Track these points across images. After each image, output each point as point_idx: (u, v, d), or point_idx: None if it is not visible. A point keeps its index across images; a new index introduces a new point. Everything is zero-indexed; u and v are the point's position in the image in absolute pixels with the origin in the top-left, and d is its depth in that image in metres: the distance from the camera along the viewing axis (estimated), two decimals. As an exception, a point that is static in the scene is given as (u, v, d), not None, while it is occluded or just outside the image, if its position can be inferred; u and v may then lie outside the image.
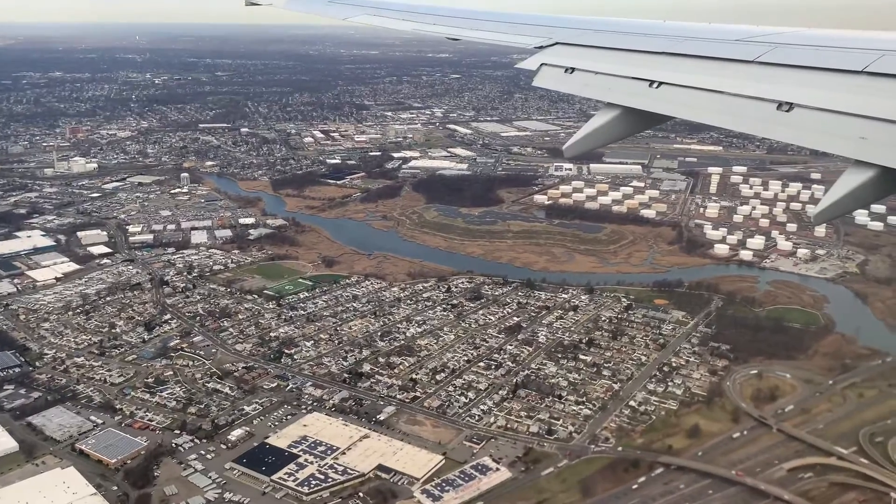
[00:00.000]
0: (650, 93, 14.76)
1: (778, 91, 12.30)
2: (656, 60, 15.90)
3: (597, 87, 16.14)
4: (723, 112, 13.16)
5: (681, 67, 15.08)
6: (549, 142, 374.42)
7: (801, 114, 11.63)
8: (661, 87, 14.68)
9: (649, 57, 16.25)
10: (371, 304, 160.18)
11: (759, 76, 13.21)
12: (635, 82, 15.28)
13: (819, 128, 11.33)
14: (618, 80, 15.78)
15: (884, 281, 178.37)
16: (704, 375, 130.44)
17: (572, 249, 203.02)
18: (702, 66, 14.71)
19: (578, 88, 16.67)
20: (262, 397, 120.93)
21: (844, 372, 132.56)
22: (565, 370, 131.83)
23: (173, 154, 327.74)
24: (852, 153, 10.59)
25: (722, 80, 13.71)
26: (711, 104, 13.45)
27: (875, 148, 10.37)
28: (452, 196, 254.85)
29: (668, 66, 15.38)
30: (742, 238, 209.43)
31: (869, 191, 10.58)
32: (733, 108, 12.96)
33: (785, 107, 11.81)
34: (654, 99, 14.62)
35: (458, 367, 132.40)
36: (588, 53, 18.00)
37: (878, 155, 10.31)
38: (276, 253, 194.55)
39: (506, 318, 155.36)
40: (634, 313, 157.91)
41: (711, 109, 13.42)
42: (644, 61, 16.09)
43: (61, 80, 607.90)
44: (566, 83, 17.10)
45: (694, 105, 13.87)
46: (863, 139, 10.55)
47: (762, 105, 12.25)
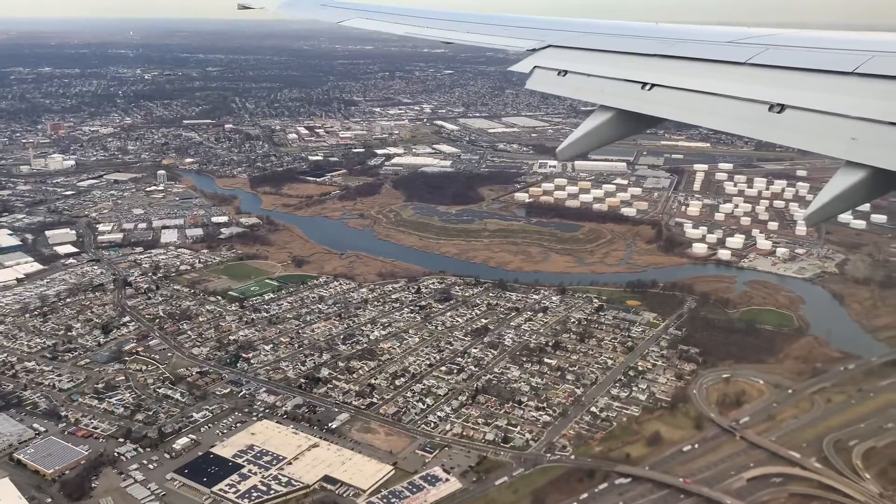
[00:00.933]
0: (643, 95, 14.81)
1: (769, 93, 12.35)
2: (649, 63, 15.92)
3: (590, 90, 16.26)
4: (715, 114, 13.23)
5: (673, 69, 15.11)
6: (535, 138, 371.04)
7: (793, 115, 11.69)
8: (653, 90, 14.72)
9: (642, 59, 16.30)
10: (337, 306, 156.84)
11: (750, 78, 13.31)
12: (628, 84, 15.33)
13: (810, 129, 11.37)
14: (610, 83, 15.86)
15: (862, 281, 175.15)
16: (670, 380, 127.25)
17: (549, 249, 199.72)
18: (694, 68, 14.80)
19: (571, 91, 16.83)
20: (213, 404, 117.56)
21: (814, 376, 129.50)
22: (528, 374, 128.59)
23: (153, 151, 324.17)
24: (843, 154, 10.64)
25: (714, 81, 13.81)
26: (703, 106, 13.51)
27: (866, 149, 10.42)
28: (433, 194, 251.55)
29: (660, 68, 15.43)
30: (722, 237, 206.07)
31: (860, 191, 10.64)
32: (725, 109, 13.01)
33: (776, 108, 11.85)
34: (646, 101, 14.67)
35: (420, 371, 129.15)
36: (581, 56, 18.16)
37: (869, 156, 10.37)
38: (245, 252, 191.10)
39: (474, 320, 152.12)
40: (605, 315, 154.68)
41: (703, 111, 13.47)
42: (636, 64, 16.15)
43: (50, 76, 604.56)
44: (559, 86, 17.24)
45: (686, 107, 13.90)
46: (854, 140, 10.61)
47: (754, 107, 12.33)
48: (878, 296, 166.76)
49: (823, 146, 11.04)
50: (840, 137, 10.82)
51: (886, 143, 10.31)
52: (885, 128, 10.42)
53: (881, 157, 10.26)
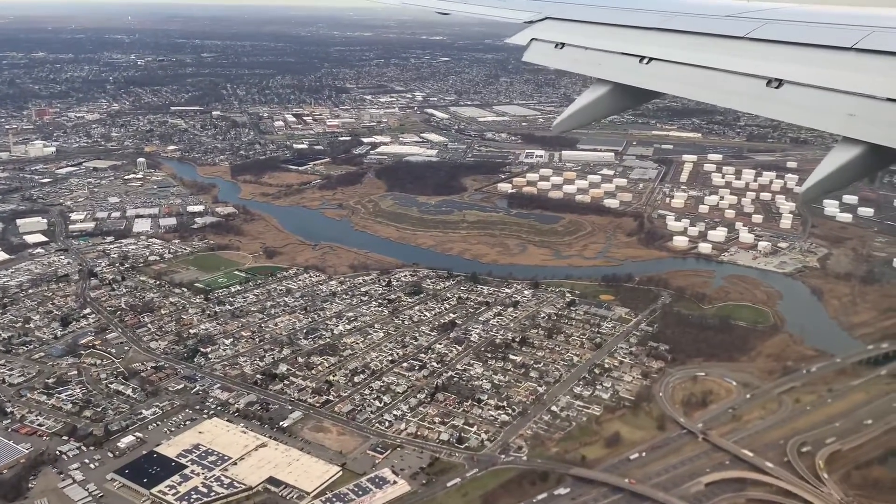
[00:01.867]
0: (640, 69, 14.56)
1: (768, 67, 12.33)
2: (647, 36, 15.65)
3: (587, 63, 16.08)
4: (712, 88, 13.10)
5: (671, 43, 14.89)
6: (525, 127, 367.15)
7: (791, 90, 11.69)
8: (651, 63, 14.50)
9: (640, 32, 16.02)
10: (303, 299, 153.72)
11: (749, 52, 13.20)
12: (625, 58, 15.11)
13: (808, 104, 11.36)
14: (608, 56, 15.66)
15: (843, 276, 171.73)
16: (636, 378, 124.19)
17: (526, 241, 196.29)
18: (692, 42, 14.57)
19: (568, 64, 16.65)
20: (164, 400, 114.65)
21: (785, 375, 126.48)
22: (492, 371, 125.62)
23: (137, 138, 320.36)
24: (840, 130, 10.71)
25: (712, 55, 13.66)
26: (701, 80, 13.37)
27: (863, 125, 10.51)
28: (415, 183, 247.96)
29: (658, 41, 15.16)
30: (704, 230, 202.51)
31: (856, 167, 10.75)
32: (723, 84, 12.91)
33: (774, 83, 11.88)
34: (644, 75, 14.46)
35: (380, 367, 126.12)
36: (578, 28, 17.82)
37: (866, 132, 10.46)
38: (218, 243, 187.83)
39: (442, 314, 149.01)
40: (576, 310, 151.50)
41: (701, 85, 13.35)
42: (635, 37, 15.87)
43: (43, 61, 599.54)
44: (556, 59, 17.02)
45: (684, 81, 13.77)
46: (851, 116, 10.64)
47: (752, 81, 12.33)
48: (858, 292, 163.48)
49: (821, 122, 11.09)
50: (838, 113, 10.79)
51: (883, 119, 10.22)
52: (882, 104, 10.31)
53: (878, 133, 10.23)
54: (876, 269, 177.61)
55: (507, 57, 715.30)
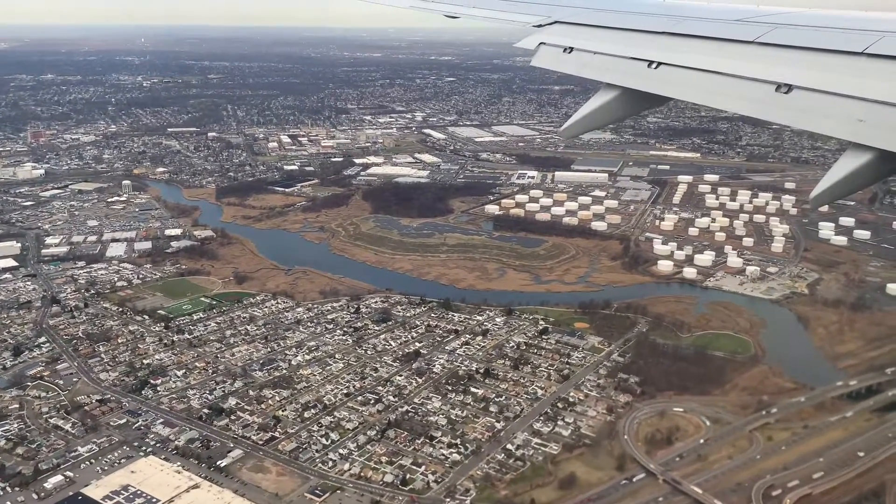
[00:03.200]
0: (649, 73, 14.59)
1: (777, 72, 12.31)
2: (655, 40, 15.71)
3: (595, 68, 16.21)
4: (720, 93, 13.11)
5: (680, 48, 14.88)
6: (522, 147, 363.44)
7: (800, 95, 11.62)
8: (659, 68, 14.51)
9: (649, 37, 16.08)
10: (266, 328, 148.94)
11: (758, 57, 13.19)
12: (634, 62, 15.15)
13: (817, 110, 11.25)
14: (616, 61, 15.73)
15: (832, 303, 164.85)
16: (601, 413, 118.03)
17: (507, 265, 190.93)
18: (701, 47, 14.59)
19: (576, 68, 16.91)
20: (103, 436, 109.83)
21: (759, 410, 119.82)
22: (450, 405, 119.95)
23: (129, 160, 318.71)
24: (849, 135, 10.64)
25: (721, 60, 13.68)
26: (710, 85, 13.32)
27: (872, 130, 10.38)
28: (401, 206, 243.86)
29: (667, 46, 15.17)
30: (691, 254, 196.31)
31: (866, 173, 10.65)
32: (731, 89, 12.88)
33: (783, 88, 11.83)
34: (652, 80, 14.45)
35: (333, 402, 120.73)
36: (587, 33, 18.01)
37: (875, 137, 10.31)
38: (189, 268, 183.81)
39: (408, 343, 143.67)
40: (547, 339, 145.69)
41: (709, 91, 13.32)
42: (643, 41, 15.93)
43: (50, 83, 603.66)
44: (564, 63, 17.24)
45: (692, 86, 13.70)
46: (860, 121, 10.55)
47: (761, 86, 12.25)
48: (846, 319, 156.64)
49: (830, 127, 10.97)
50: (847, 119, 10.70)
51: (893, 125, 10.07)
52: (892, 109, 10.17)
53: (887, 139, 10.12)
54: (867, 295, 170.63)
55: (513, 77, 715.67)
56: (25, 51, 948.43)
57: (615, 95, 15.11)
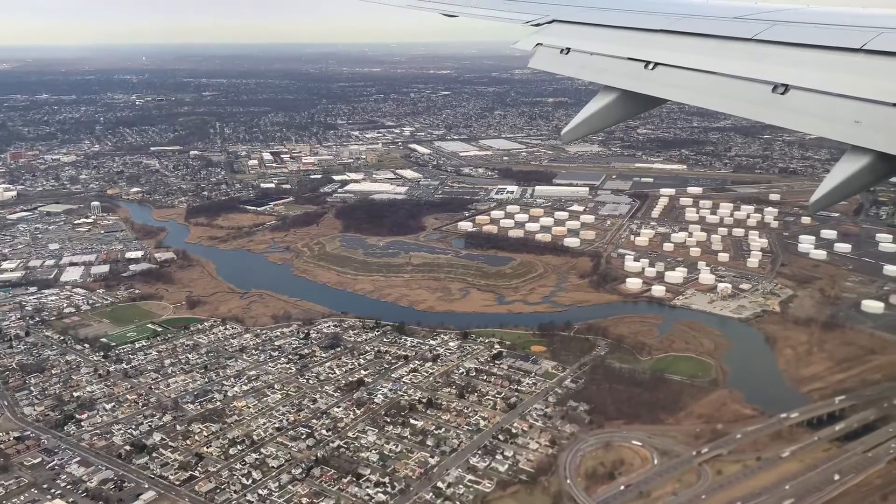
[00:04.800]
0: (645, 75, 14.46)
1: (773, 72, 12.16)
2: (653, 40, 15.57)
3: (592, 69, 15.96)
4: (716, 94, 12.98)
5: (677, 47, 14.75)
6: (506, 161, 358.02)
7: (797, 96, 11.47)
8: (656, 69, 14.39)
9: (646, 36, 15.88)
10: (208, 356, 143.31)
11: (754, 56, 13.07)
12: (631, 63, 14.99)
13: (814, 111, 11.08)
14: (613, 61, 15.49)
15: (803, 322, 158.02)
16: (543, 446, 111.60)
17: (471, 285, 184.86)
18: (698, 46, 14.43)
19: (574, 70, 16.72)
20: (11, 477, 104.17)
21: (713, 440, 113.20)
22: (385, 439, 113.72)
23: (105, 180, 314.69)
24: (847, 138, 10.49)
25: (717, 60, 13.58)
26: (706, 86, 13.20)
27: (870, 132, 10.23)
28: (373, 223, 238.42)
29: (664, 45, 15.06)
30: (663, 270, 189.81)
31: (866, 176, 10.50)
32: (727, 90, 12.76)
33: (780, 89, 11.69)
34: (649, 81, 14.32)
35: (263, 436, 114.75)
36: (584, 32, 17.83)
37: (873, 139, 10.18)
38: (143, 292, 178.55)
39: (353, 371, 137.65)
40: (500, 364, 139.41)
41: (705, 92, 13.17)
42: (641, 41, 15.75)
43: (44, 103, 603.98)
44: (562, 64, 17.01)
45: (688, 87, 13.54)
46: (857, 123, 10.41)
47: (757, 87, 12.12)
48: (816, 339, 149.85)
49: (826, 129, 10.81)
50: (845, 120, 10.50)
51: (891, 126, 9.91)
52: (888, 110, 9.99)
53: (885, 141, 9.97)
54: (841, 312, 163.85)
55: (508, 90, 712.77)
56: (26, 71, 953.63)
57: (613, 98, 14.88)
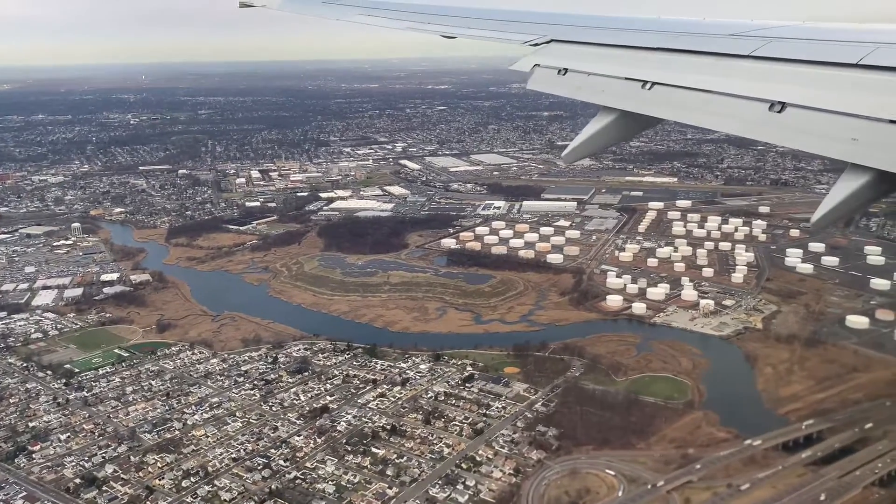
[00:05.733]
0: (643, 94, 14.50)
1: (770, 90, 12.12)
2: (650, 58, 15.69)
3: (589, 89, 16.04)
4: (713, 114, 12.92)
5: (674, 66, 14.84)
6: (496, 177, 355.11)
7: (794, 114, 11.50)
8: (653, 88, 14.41)
9: (644, 54, 16.05)
10: (171, 382, 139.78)
11: (751, 74, 13.02)
12: (628, 83, 15.03)
13: (811, 129, 11.16)
14: (610, 81, 15.58)
15: (785, 339, 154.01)
16: (507, 474, 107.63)
17: (449, 304, 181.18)
18: (695, 64, 14.54)
19: (572, 91, 16.60)
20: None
21: (684, 466, 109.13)
22: (344, 469, 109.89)
23: (89, 201, 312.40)
24: (846, 156, 10.48)
25: (714, 78, 13.48)
26: (702, 106, 13.13)
27: (868, 150, 10.21)
28: (354, 242, 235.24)
29: (661, 64, 15.16)
30: (645, 286, 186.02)
31: (866, 194, 10.45)
32: (724, 109, 12.71)
33: (777, 107, 11.67)
34: (646, 101, 14.37)
35: (219, 467, 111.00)
36: (582, 52, 17.89)
37: (871, 157, 10.16)
38: (114, 316, 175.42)
39: (320, 396, 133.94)
40: (470, 387, 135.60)
41: (703, 111, 13.11)
42: (638, 60, 15.88)
43: (38, 123, 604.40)
44: (559, 86, 16.99)
45: (685, 107, 13.59)
46: (854, 140, 10.41)
47: (754, 105, 12.11)
48: (797, 357, 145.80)
49: (824, 147, 10.81)
50: (842, 138, 10.54)
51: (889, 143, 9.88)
52: (887, 127, 9.99)
53: (883, 158, 9.91)
54: (825, 328, 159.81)
55: (504, 104, 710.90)
56: (24, 91, 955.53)
57: (613, 119, 14.95)
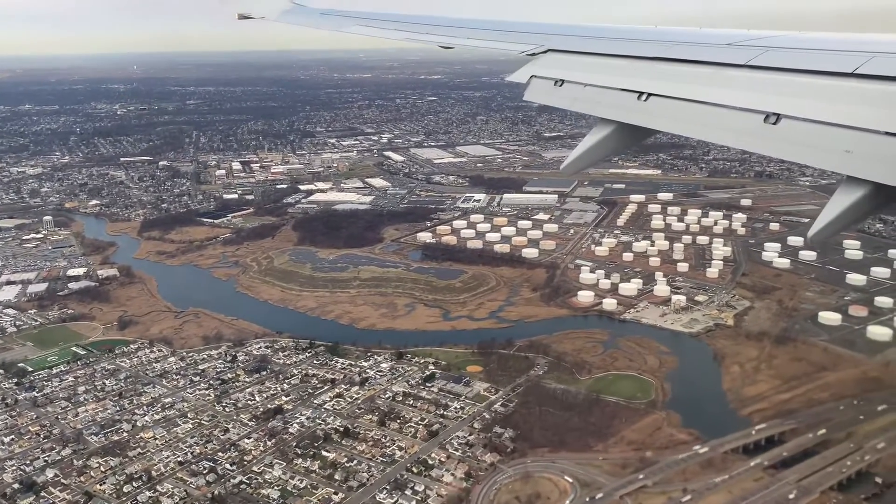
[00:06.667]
0: (639, 106, 14.45)
1: (766, 101, 12.10)
2: (647, 69, 15.53)
3: (585, 101, 16.01)
4: (709, 125, 12.92)
5: (670, 76, 14.74)
6: (479, 169, 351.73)
7: (789, 126, 11.47)
8: (649, 100, 14.35)
9: (640, 64, 15.84)
10: (126, 382, 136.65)
11: (747, 84, 12.99)
12: (624, 94, 14.95)
13: (806, 141, 11.11)
14: (606, 93, 15.52)
15: (755, 336, 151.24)
16: (458, 478, 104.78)
17: (419, 300, 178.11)
18: (691, 74, 14.48)
19: (568, 103, 16.62)
20: None
21: (640, 469, 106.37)
22: (292, 473, 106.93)
23: (66, 193, 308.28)
24: (841, 168, 10.39)
25: (710, 89, 13.43)
26: (698, 117, 13.12)
27: (863, 162, 10.10)
28: (328, 235, 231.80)
29: (657, 74, 15.06)
30: (618, 282, 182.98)
31: (864, 207, 10.35)
32: (719, 120, 12.71)
33: (772, 118, 11.64)
34: (642, 113, 14.33)
35: (164, 471, 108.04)
36: (578, 62, 17.85)
37: (868, 170, 10.03)
38: (77, 312, 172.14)
39: (275, 397, 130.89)
40: (430, 387, 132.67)
41: (698, 123, 13.13)
42: (634, 70, 15.69)
43: (24, 114, 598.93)
44: (555, 97, 16.95)
45: (680, 119, 13.53)
46: (848, 153, 10.30)
47: (749, 117, 12.07)
48: (766, 355, 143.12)
49: (819, 159, 10.80)
50: (838, 150, 10.48)
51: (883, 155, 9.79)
52: (882, 139, 9.93)
53: (881, 171, 9.78)
54: (797, 325, 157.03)
55: (495, 94, 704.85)
56: (14, 81, 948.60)
57: (610, 131, 14.84)
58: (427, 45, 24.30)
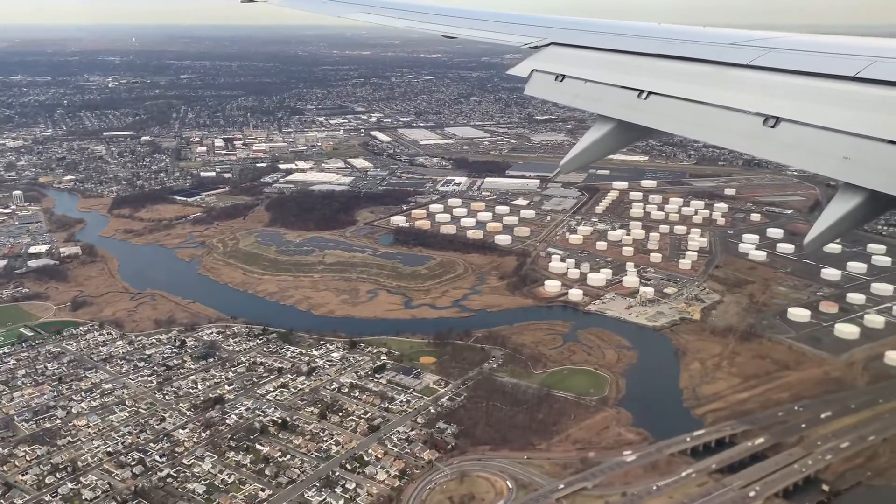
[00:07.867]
0: (639, 104, 14.30)
1: (765, 103, 11.98)
2: (648, 65, 15.50)
3: (586, 98, 15.82)
4: (708, 126, 12.86)
5: (671, 74, 14.65)
6: (465, 151, 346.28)
7: (788, 129, 11.32)
8: (649, 98, 14.27)
9: (642, 61, 15.84)
10: (68, 366, 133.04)
11: (747, 85, 12.89)
12: (624, 92, 14.90)
13: (804, 145, 10.96)
14: (607, 90, 15.43)
15: (720, 332, 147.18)
16: (392, 476, 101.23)
17: (382, 286, 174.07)
18: (692, 72, 14.32)
19: (569, 99, 16.38)
20: None
21: (581, 470, 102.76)
22: (222, 467, 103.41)
23: (42, 167, 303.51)
24: (840, 175, 10.18)
25: (709, 89, 13.35)
26: (697, 118, 13.06)
27: (861, 169, 9.96)
28: (301, 217, 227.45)
29: (658, 72, 14.98)
30: (587, 271, 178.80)
31: (861, 213, 10.22)
32: (719, 122, 12.62)
33: (771, 121, 11.51)
34: (642, 111, 14.20)
35: (90, 462, 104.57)
36: (580, 57, 17.68)
37: (867, 177, 9.87)
38: (32, 291, 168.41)
39: (219, 385, 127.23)
40: (379, 378, 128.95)
41: (697, 123, 13.07)
42: (635, 67, 15.71)
43: (14, 84, 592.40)
44: (556, 92, 16.79)
45: (680, 119, 13.50)
46: (846, 159, 10.14)
47: (748, 119, 11.94)
48: (729, 352, 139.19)
49: (816, 165, 10.62)
50: (836, 156, 10.33)
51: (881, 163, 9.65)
52: (879, 146, 9.82)
53: (875, 179, 9.69)
54: (765, 321, 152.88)
55: (492, 74, 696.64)
56: (9, 51, 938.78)
57: (610, 128, 14.55)
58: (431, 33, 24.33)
